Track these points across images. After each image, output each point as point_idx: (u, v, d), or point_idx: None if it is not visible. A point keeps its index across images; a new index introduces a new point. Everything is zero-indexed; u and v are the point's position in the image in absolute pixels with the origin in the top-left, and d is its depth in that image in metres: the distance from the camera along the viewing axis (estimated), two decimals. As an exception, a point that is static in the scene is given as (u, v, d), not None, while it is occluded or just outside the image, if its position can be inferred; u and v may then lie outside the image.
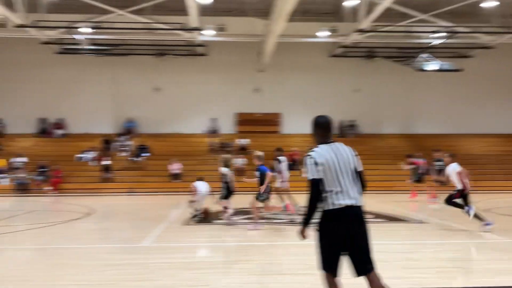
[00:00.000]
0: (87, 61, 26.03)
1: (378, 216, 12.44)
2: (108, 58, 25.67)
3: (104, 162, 22.81)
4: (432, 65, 23.75)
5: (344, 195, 4.06)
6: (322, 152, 4.11)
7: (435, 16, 21.49)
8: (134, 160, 23.83)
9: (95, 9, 21.94)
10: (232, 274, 6.45)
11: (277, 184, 12.35)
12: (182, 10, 19.98)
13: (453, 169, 9.91)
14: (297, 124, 26.94)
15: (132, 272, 6.49)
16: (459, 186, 9.81)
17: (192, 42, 23.98)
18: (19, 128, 26.20)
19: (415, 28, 22.18)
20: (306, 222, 4.12)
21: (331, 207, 4.03)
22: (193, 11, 18.39)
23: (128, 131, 26.43)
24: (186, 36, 22.47)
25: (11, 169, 22.04)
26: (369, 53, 26.30)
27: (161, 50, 25.87)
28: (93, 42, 22.17)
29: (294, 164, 23.93)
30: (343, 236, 4.02)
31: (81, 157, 23.92)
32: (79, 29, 21.12)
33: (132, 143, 25.25)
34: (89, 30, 20.69)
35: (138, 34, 22.11)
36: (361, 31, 21.11)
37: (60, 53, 24.97)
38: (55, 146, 25.27)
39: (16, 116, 26.22)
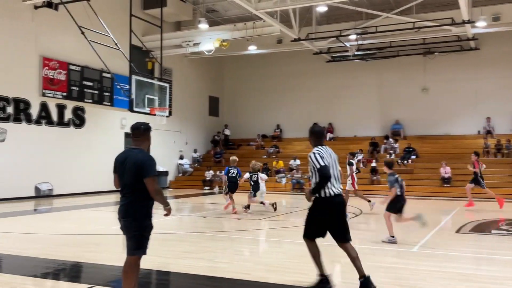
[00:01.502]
0: (354, 67, 27.02)
1: None
2: (374, 62, 26.10)
3: (371, 165, 23.23)
4: None
5: (335, 186, 5.50)
6: (323, 150, 5.62)
7: None
8: (402, 162, 23.52)
9: (361, 15, 22.65)
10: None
11: (347, 186, 13.61)
12: (450, 4, 18.86)
13: None
14: None
15: (403, 277, 6.39)
16: None
17: (462, 36, 22.36)
18: (295, 133, 28.91)
19: None
20: (313, 192, 5.50)
21: (327, 195, 5.43)
22: (462, 3, 17.13)
23: (395, 133, 26.28)
24: (455, 31, 21.07)
25: (288, 169, 24.46)
26: None
27: (428, 49, 24.94)
28: (360, 48, 22.84)
29: None
30: (334, 214, 5.50)
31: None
32: (347, 37, 22.03)
33: (399, 145, 25.01)
34: (356, 36, 21.40)
35: (404, 34, 21.81)
36: None
37: (330, 61, 26.53)
38: (327, 149, 26.93)
39: (292, 121, 29.03)
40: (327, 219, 5.48)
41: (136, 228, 4.73)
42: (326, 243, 5.72)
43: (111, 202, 16.64)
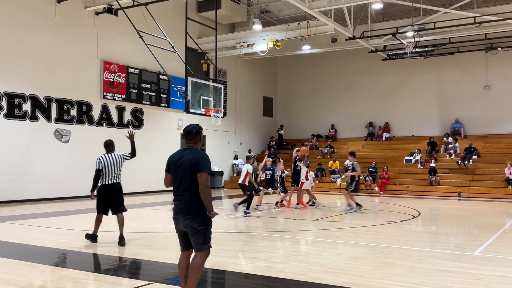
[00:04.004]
0: (411, 65, 26.33)
1: None
2: (432, 59, 25.32)
3: (430, 165, 22.51)
4: None
5: (112, 178, 8.51)
6: (105, 157, 8.63)
7: None
8: (462, 163, 22.65)
9: (419, 11, 22.02)
10: None
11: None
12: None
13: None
14: None
15: (463, 281, 6.16)
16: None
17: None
18: (350, 132, 28.52)
19: None
20: (92, 190, 8.60)
21: (105, 184, 8.50)
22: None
23: (455, 132, 25.35)
24: (520, 25, 20.07)
25: (343, 170, 24.11)
26: None
27: (490, 44, 23.89)
28: (418, 45, 22.19)
29: None
30: (109, 196, 8.56)
31: (409, 160, 24.22)
32: (404, 34, 21.49)
33: (459, 145, 24.11)
34: (414, 33, 20.82)
35: (464, 30, 21.00)
36: None
37: (386, 59, 25.97)
38: (382, 148, 26.40)
39: (347, 121, 28.67)
40: (104, 198, 8.52)
41: (201, 223, 4.83)
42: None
43: (168, 201, 17.06)
